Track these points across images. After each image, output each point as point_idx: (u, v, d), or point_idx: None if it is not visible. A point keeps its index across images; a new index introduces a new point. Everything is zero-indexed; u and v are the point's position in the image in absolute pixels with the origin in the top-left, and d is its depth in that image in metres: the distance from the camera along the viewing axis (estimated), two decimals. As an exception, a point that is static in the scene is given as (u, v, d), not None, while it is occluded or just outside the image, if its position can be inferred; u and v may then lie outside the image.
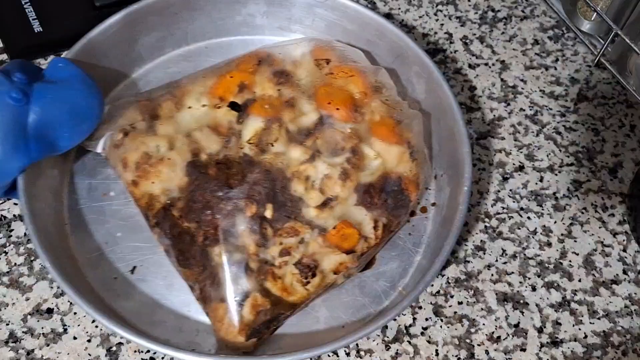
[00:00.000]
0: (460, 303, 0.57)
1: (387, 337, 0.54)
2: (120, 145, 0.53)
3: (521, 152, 0.67)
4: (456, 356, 0.54)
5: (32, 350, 0.51)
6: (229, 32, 0.65)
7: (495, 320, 0.56)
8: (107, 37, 0.58)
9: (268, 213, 0.50)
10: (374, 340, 0.54)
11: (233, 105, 0.55)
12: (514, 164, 0.66)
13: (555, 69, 0.75)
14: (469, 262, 0.59)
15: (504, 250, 0.60)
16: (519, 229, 0.62)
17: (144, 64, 0.63)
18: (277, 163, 0.52)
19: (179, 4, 0.61)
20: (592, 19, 0.74)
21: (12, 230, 0.56)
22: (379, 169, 0.54)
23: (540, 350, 0.55)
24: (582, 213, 0.64)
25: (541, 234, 0.62)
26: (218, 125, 0.54)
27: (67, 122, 0.49)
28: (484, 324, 0.56)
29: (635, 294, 0.59)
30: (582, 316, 0.57)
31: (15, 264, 0.55)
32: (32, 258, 0.55)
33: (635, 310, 0.58)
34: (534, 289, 0.58)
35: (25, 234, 0.56)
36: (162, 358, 0.51)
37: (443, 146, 0.59)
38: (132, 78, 0.63)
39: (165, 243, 0.51)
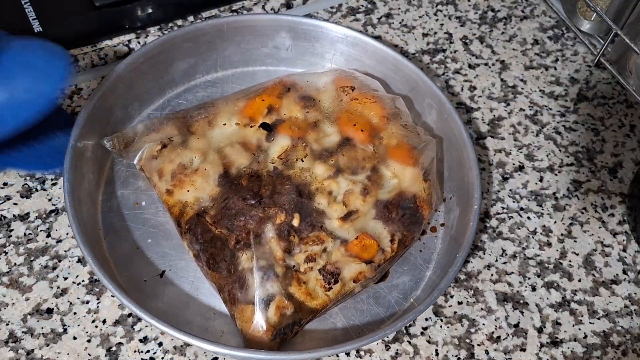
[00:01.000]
0: (460, 303, 0.57)
1: (387, 337, 0.54)
2: (157, 157, 0.57)
3: (521, 152, 0.67)
4: (456, 356, 0.54)
5: (32, 351, 0.51)
6: (255, 63, 0.69)
7: (495, 320, 0.56)
8: (147, 58, 0.62)
9: (295, 222, 0.53)
10: (373, 340, 0.54)
11: (264, 126, 0.59)
12: (513, 164, 0.66)
13: (555, 69, 0.75)
14: (468, 262, 0.59)
15: (503, 250, 0.60)
16: (519, 229, 0.62)
17: (176, 87, 0.66)
18: (303, 177, 0.56)
19: (213, 33, 0.65)
20: (592, 18, 0.74)
21: (12, 230, 0.56)
22: (395, 188, 0.57)
23: (540, 350, 0.55)
24: (582, 213, 0.64)
25: (541, 234, 0.62)
26: (247, 143, 0.58)
27: (28, 87, 0.49)
28: (483, 324, 0.56)
29: (635, 294, 0.59)
30: (582, 316, 0.57)
31: (15, 264, 0.55)
32: (32, 258, 0.55)
33: (635, 310, 0.58)
34: (533, 289, 0.58)
35: (25, 234, 0.56)
36: (162, 358, 0.51)
37: (452, 170, 0.62)
38: (164, 99, 0.66)
39: (196, 248, 0.53)
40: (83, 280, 0.54)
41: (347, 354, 0.53)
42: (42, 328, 0.52)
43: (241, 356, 0.49)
